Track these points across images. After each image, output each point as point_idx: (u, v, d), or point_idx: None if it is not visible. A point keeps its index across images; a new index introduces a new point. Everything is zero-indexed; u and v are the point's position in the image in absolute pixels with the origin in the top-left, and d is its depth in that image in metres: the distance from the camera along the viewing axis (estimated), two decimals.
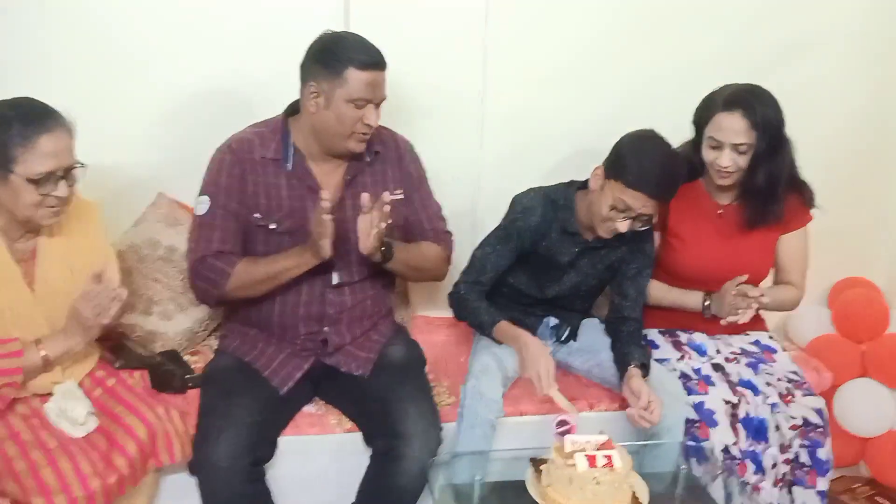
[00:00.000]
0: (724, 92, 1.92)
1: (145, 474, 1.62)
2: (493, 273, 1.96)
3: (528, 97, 2.33)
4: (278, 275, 1.73)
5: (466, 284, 1.96)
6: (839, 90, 2.46)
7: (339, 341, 1.83)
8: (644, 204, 1.76)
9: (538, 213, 1.92)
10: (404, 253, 1.81)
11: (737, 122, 1.87)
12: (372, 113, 1.71)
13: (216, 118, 2.02)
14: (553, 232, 1.94)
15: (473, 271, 1.97)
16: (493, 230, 1.99)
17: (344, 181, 1.81)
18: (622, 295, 2.00)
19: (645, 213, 1.78)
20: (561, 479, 1.42)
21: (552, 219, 1.93)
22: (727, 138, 1.89)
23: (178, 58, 2.09)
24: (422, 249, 1.90)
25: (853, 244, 2.67)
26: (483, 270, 1.96)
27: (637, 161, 1.76)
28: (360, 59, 1.66)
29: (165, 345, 1.97)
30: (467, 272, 1.98)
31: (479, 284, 1.96)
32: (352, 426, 1.80)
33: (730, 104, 1.88)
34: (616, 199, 1.78)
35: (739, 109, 1.87)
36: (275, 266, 1.73)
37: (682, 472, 1.72)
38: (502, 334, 1.88)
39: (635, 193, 1.75)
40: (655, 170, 1.75)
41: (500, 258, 1.95)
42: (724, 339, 2.12)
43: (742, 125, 1.87)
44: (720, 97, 1.91)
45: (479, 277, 1.96)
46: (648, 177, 1.74)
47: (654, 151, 1.78)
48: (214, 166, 1.77)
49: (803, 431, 1.89)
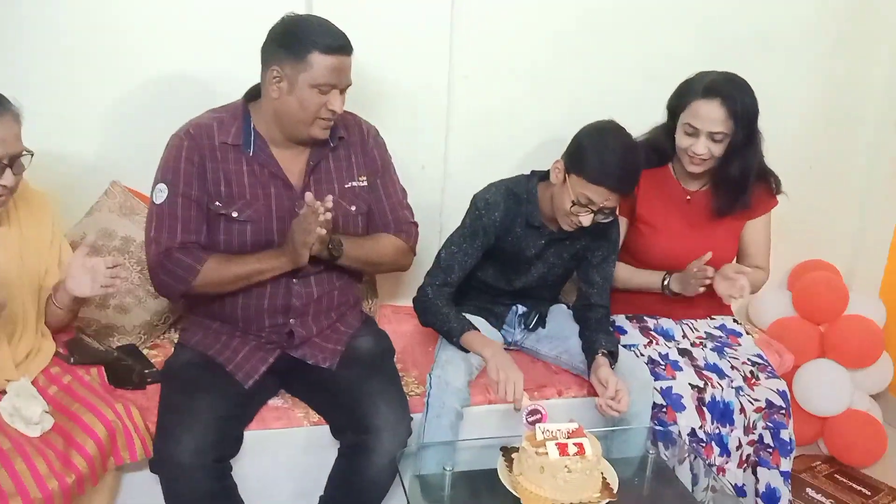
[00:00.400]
0: (704, 79, 1.91)
1: (105, 473, 1.57)
2: (460, 273, 1.92)
3: (495, 87, 2.32)
4: (249, 276, 1.69)
5: (434, 287, 1.91)
6: (797, 83, 2.52)
7: (305, 333, 1.79)
8: (606, 198, 1.75)
9: (501, 208, 1.89)
10: (356, 249, 1.77)
11: (715, 110, 1.87)
12: (336, 99, 1.66)
13: (172, 104, 1.95)
14: (517, 226, 1.92)
15: (440, 272, 1.92)
16: (457, 229, 1.95)
17: (307, 167, 1.76)
18: (588, 282, 2.00)
19: (607, 206, 1.77)
20: (532, 468, 1.41)
21: (516, 213, 1.91)
22: (704, 126, 1.88)
23: (133, 42, 2.01)
24: (378, 243, 1.84)
25: (812, 228, 2.74)
26: (450, 270, 1.91)
27: (597, 155, 1.73)
28: (324, 42, 1.61)
29: (123, 339, 1.91)
30: (433, 274, 1.93)
31: (446, 286, 1.91)
32: (319, 419, 1.77)
33: (709, 92, 1.88)
34: (578, 193, 1.76)
35: (719, 98, 1.87)
36: (247, 268, 1.68)
37: (650, 456, 1.73)
38: (470, 344, 1.82)
39: (597, 188, 1.73)
40: (616, 164, 1.72)
41: (466, 257, 1.91)
42: (691, 324, 2.14)
43: (720, 114, 1.87)
44: (700, 84, 1.90)
45: (446, 279, 1.91)
46: (609, 171, 1.72)
47: (614, 144, 1.75)
48: (172, 153, 1.70)
49: (766, 413, 1.93)
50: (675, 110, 1.97)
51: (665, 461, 1.79)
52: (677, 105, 1.96)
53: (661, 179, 2.07)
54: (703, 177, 2.05)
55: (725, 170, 1.96)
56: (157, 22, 2.01)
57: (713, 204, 2.03)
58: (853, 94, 2.65)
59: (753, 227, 2.10)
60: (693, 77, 1.95)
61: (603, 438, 1.76)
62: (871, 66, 2.63)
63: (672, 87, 2.02)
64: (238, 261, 1.69)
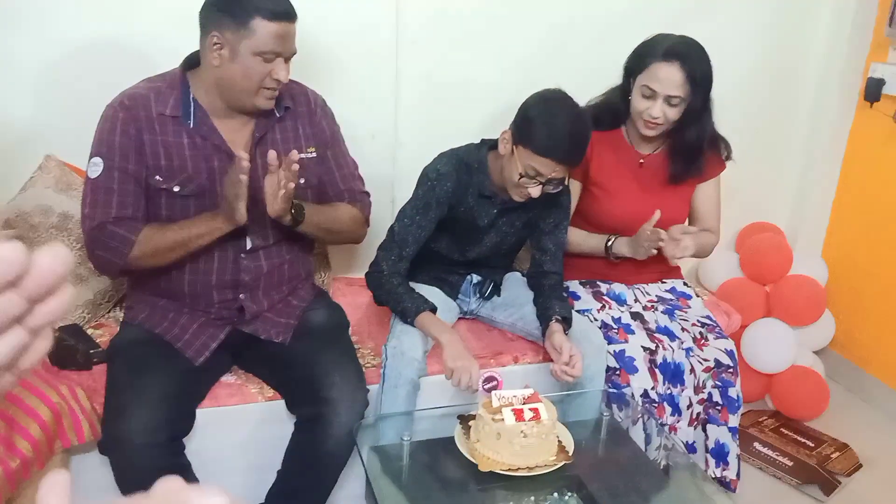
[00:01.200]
0: (664, 41, 1.89)
1: (52, 456, 1.53)
2: (414, 246, 1.89)
3: (444, 53, 2.29)
4: (187, 242, 1.61)
5: (389, 263, 1.86)
6: (738, 46, 2.53)
7: (256, 308, 1.75)
8: (554, 169, 1.73)
9: (453, 178, 1.87)
10: (317, 215, 1.72)
11: (675, 73, 1.86)
12: (281, 67, 1.60)
13: (107, 73, 1.87)
14: (469, 196, 1.90)
15: (395, 247, 1.87)
16: (409, 201, 1.91)
17: (253, 139, 1.70)
18: (541, 250, 2.01)
19: (556, 177, 1.76)
20: (489, 435, 1.42)
21: (467, 183, 1.89)
22: (663, 89, 1.87)
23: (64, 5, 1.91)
24: (337, 211, 1.81)
25: (758, 191, 2.80)
26: (404, 244, 1.87)
27: (544, 127, 1.71)
28: (268, 8, 1.54)
29: (65, 319, 1.84)
30: (387, 248, 1.89)
31: (401, 261, 1.88)
32: (274, 394, 1.75)
33: (670, 55, 1.86)
34: (525, 165, 1.74)
35: (678, 61, 1.86)
36: (183, 233, 1.61)
37: (604, 418, 1.77)
38: (425, 326, 1.79)
39: (544, 160, 1.72)
40: (563, 135, 1.71)
41: (420, 229, 1.88)
42: (642, 288, 2.17)
43: (679, 77, 1.86)
44: (660, 46, 1.88)
45: (401, 252, 1.87)
46: (556, 142, 1.70)
47: (560, 115, 1.73)
48: (106, 125, 1.62)
49: (715, 373, 1.98)
50: (633, 71, 1.95)
51: (619, 422, 1.83)
52: (635, 66, 1.94)
53: (614, 142, 2.07)
54: (656, 141, 2.06)
55: (682, 135, 1.97)
56: None
57: (669, 170, 2.05)
58: (793, 57, 2.69)
59: (703, 192, 2.13)
60: (652, 38, 1.94)
61: (559, 403, 1.79)
62: (811, 29, 2.67)
63: (618, 48, 2.01)
64: (173, 227, 1.62)
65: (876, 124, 2.65)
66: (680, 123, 1.95)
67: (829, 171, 2.85)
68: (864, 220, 2.75)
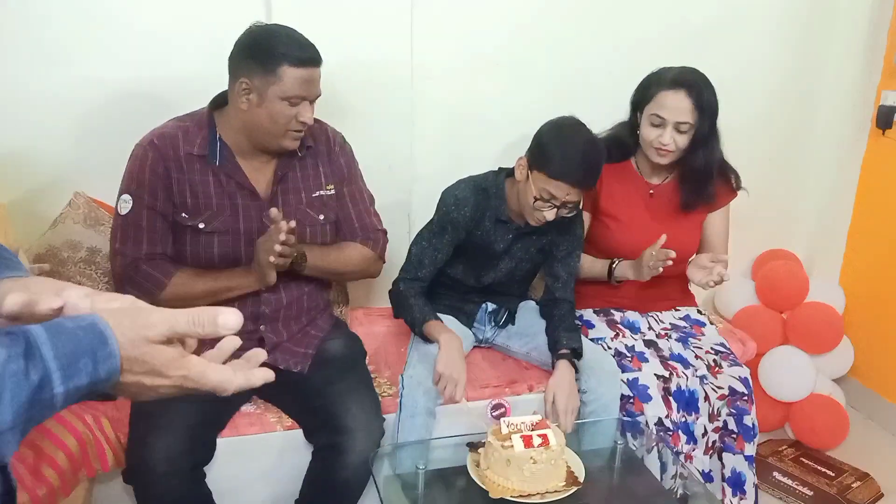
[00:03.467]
0: (669, 72, 1.95)
1: (77, 485, 1.57)
2: (431, 267, 1.96)
3: (458, 85, 2.34)
4: (217, 293, 1.69)
5: (405, 282, 1.96)
6: (754, 77, 2.56)
7: (275, 339, 1.79)
8: (568, 192, 1.78)
9: (471, 203, 1.92)
10: (321, 260, 1.77)
11: (682, 100, 1.91)
12: (307, 110, 1.66)
13: (134, 113, 1.95)
14: (486, 221, 1.95)
15: (411, 267, 1.97)
16: (427, 225, 1.99)
17: (275, 177, 1.76)
18: (553, 276, 2.04)
19: (570, 200, 1.81)
20: (499, 461, 1.44)
21: (485, 208, 1.94)
22: (671, 116, 1.92)
23: (95, 52, 2.00)
24: (344, 253, 1.84)
25: (773, 218, 2.80)
26: (420, 265, 1.95)
27: (558, 151, 1.77)
28: (295, 55, 1.61)
29: None
30: (405, 269, 1.98)
31: (417, 280, 1.96)
32: (292, 424, 1.78)
33: (676, 83, 1.92)
34: (540, 189, 1.80)
35: (684, 89, 1.91)
36: (215, 285, 1.69)
37: (618, 446, 1.77)
38: (430, 332, 1.88)
39: (558, 184, 1.77)
40: (577, 158, 1.77)
41: (436, 252, 1.95)
42: (656, 316, 2.19)
43: (687, 104, 1.91)
44: (666, 76, 1.94)
45: (417, 273, 1.95)
46: (570, 166, 1.76)
47: (574, 139, 1.79)
48: (136, 163, 1.69)
49: (730, 400, 1.97)
50: (640, 104, 2.00)
51: (633, 451, 1.83)
52: (642, 98, 1.99)
53: (623, 174, 2.11)
54: (665, 171, 2.09)
55: (691, 162, 2.01)
56: (119, 32, 2.00)
57: (680, 198, 2.08)
58: (806, 86, 2.71)
59: (713, 220, 2.15)
60: (656, 71, 1.99)
61: (573, 431, 1.81)
62: (823, 59, 2.69)
63: (635, 77, 2.06)
64: (207, 276, 1.70)
65: (888, 151, 2.66)
66: (688, 151, 1.98)
67: (843, 198, 2.85)
68: (881, 246, 2.74)
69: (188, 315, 0.65)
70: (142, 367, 0.64)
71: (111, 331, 0.61)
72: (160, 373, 0.65)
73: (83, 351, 0.59)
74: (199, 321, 0.65)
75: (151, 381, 0.66)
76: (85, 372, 0.59)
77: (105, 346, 0.61)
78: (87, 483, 1.63)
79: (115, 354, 0.61)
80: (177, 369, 0.66)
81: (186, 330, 0.66)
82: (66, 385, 0.58)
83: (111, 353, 0.61)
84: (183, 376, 0.66)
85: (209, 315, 0.66)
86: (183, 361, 0.66)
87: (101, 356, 0.60)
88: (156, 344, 0.64)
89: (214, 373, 0.68)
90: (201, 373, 0.67)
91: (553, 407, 1.82)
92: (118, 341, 0.62)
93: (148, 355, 0.64)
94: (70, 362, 0.59)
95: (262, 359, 0.78)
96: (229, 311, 0.67)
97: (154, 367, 0.64)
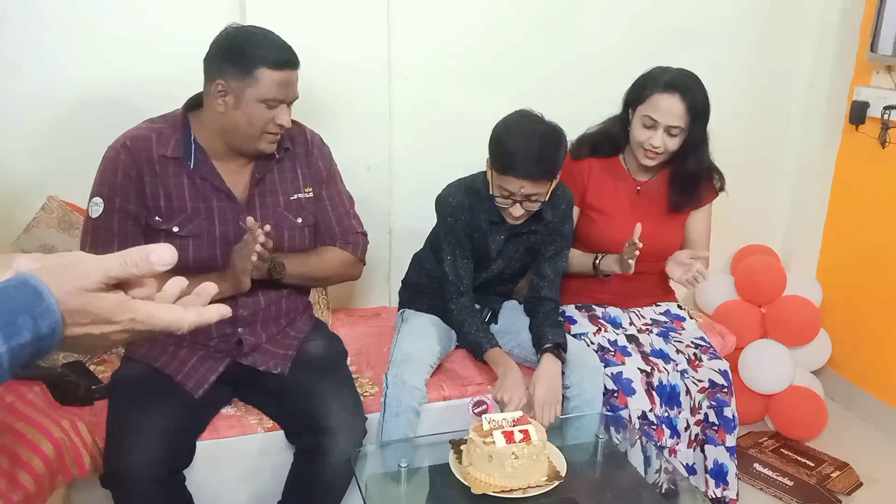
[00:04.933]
0: (665, 74, 1.95)
1: (54, 490, 1.55)
2: (468, 275, 1.96)
3: (435, 86, 2.35)
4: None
5: (454, 301, 1.95)
6: (725, 74, 2.58)
7: (254, 341, 1.77)
8: (522, 186, 1.76)
9: (466, 206, 1.92)
10: (299, 267, 1.76)
11: (675, 104, 1.92)
12: (284, 112, 1.64)
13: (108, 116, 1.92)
14: (482, 224, 1.94)
15: (453, 286, 1.95)
16: (443, 241, 1.95)
17: (252, 180, 1.74)
18: (540, 275, 2.04)
19: (527, 192, 1.78)
20: (481, 458, 1.44)
21: (479, 209, 1.93)
22: (664, 119, 1.93)
23: (68, 55, 1.99)
24: (323, 259, 1.83)
25: (751, 215, 2.83)
26: (460, 279, 1.94)
27: (501, 146, 1.76)
28: (272, 57, 1.59)
29: (69, 355, 1.87)
30: (449, 290, 1.96)
31: (463, 295, 1.95)
32: (273, 425, 1.77)
33: (671, 86, 1.92)
34: (497, 186, 1.79)
35: (678, 93, 1.91)
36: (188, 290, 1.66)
37: (601, 441, 1.77)
38: (491, 360, 1.89)
39: (508, 178, 1.76)
40: (518, 151, 1.74)
41: (465, 259, 1.95)
42: (637, 312, 2.20)
43: (680, 108, 1.92)
44: (661, 78, 1.94)
45: (460, 288, 1.95)
46: (516, 159, 1.74)
47: (517, 132, 1.76)
48: (108, 165, 1.66)
49: (710, 393, 1.99)
50: (633, 103, 2.00)
51: (616, 445, 1.84)
52: (635, 97, 1.99)
53: (612, 169, 2.12)
54: (652, 169, 2.11)
55: (682, 166, 2.02)
56: (90, 36, 1.98)
57: (669, 199, 2.09)
58: (780, 83, 2.76)
59: (696, 218, 2.17)
60: (652, 71, 1.99)
61: (557, 427, 1.81)
62: (797, 56, 2.74)
63: (608, 81, 2.08)
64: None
65: (862, 146, 2.70)
66: (679, 154, 2.00)
67: (819, 193, 2.89)
68: (857, 240, 2.78)
69: (120, 257, 0.65)
70: (86, 318, 0.63)
71: (45, 286, 0.60)
72: (107, 320, 0.64)
73: (19, 308, 0.58)
74: (131, 261, 0.65)
75: (100, 330, 0.64)
76: (25, 328, 0.58)
77: (42, 301, 0.60)
78: (65, 488, 1.60)
79: (54, 308, 0.60)
80: (123, 313, 0.65)
81: (120, 272, 0.64)
82: (9, 343, 0.57)
83: (49, 308, 0.60)
84: (131, 319, 0.65)
85: (140, 254, 0.65)
86: (128, 305, 0.65)
87: (38, 311, 0.59)
88: (95, 292, 0.63)
89: (164, 312, 0.67)
90: (150, 314, 0.66)
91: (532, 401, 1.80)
92: (55, 295, 0.60)
93: (90, 304, 0.63)
94: (8, 321, 0.58)
95: (212, 292, 0.77)
96: (161, 247, 0.67)
97: (99, 316, 0.63)
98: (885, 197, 2.63)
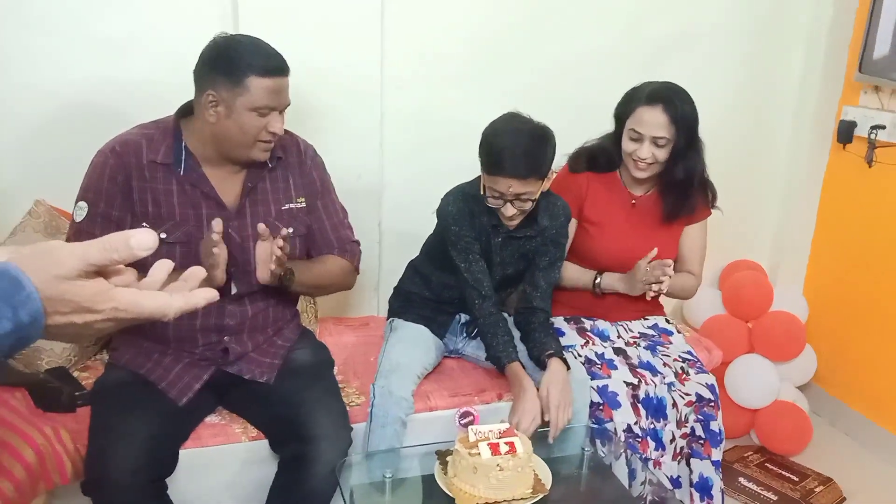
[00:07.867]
0: (647, 88, 1.99)
1: (35, 497, 1.53)
2: (486, 277, 1.93)
3: (426, 94, 2.35)
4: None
5: (477, 309, 1.92)
6: (716, 91, 2.62)
7: (240, 350, 1.76)
8: (509, 185, 1.77)
9: (466, 212, 1.92)
10: (306, 274, 1.75)
11: (658, 115, 1.95)
12: (276, 120, 1.64)
13: (96, 120, 1.93)
14: (485, 226, 1.94)
15: (475, 292, 1.92)
16: (454, 253, 1.93)
17: (244, 189, 1.73)
18: (533, 285, 2.02)
19: (516, 192, 1.78)
20: (466, 469, 1.43)
21: (478, 213, 1.93)
22: (648, 131, 1.96)
23: (54, 58, 1.97)
24: (326, 266, 1.83)
25: (739, 230, 2.85)
26: (480, 284, 1.92)
27: (487, 146, 1.79)
28: (261, 65, 1.59)
29: (52, 361, 1.86)
30: (470, 296, 1.93)
31: (486, 300, 1.92)
32: (258, 434, 1.76)
33: (652, 99, 1.96)
34: (486, 187, 1.82)
35: (661, 104, 1.95)
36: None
37: (586, 453, 1.78)
38: (510, 375, 1.86)
39: (495, 178, 1.78)
40: (502, 150, 1.76)
41: (479, 262, 1.93)
42: (625, 325, 2.21)
43: (663, 119, 1.95)
44: (643, 92, 1.99)
45: (481, 293, 1.92)
46: (501, 159, 1.76)
47: (504, 133, 1.79)
48: (95, 171, 1.66)
49: (697, 407, 2.00)
50: (622, 117, 2.04)
51: (602, 458, 1.84)
52: (623, 112, 2.03)
53: (609, 183, 2.14)
54: (648, 183, 2.12)
55: (671, 173, 2.04)
56: (79, 39, 1.97)
57: (662, 209, 2.10)
58: (769, 101, 2.79)
59: (690, 234, 2.18)
60: (638, 86, 2.03)
61: (542, 438, 1.81)
62: (785, 74, 2.77)
63: (599, 87, 2.10)
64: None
65: (849, 165, 2.73)
66: (668, 163, 2.02)
67: (806, 211, 2.92)
68: (843, 257, 2.80)
69: (99, 243, 0.63)
70: (67, 307, 0.62)
71: (24, 275, 0.59)
72: (88, 308, 0.63)
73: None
74: (111, 247, 0.63)
75: (83, 319, 0.63)
76: (5, 318, 0.57)
77: (21, 290, 0.58)
78: (46, 496, 1.58)
79: (35, 297, 0.59)
80: (105, 302, 0.63)
81: (100, 259, 0.63)
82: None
83: (29, 296, 0.58)
84: (113, 308, 0.64)
85: (121, 238, 0.63)
86: (110, 293, 0.64)
87: (18, 300, 0.58)
88: (74, 280, 0.62)
89: (147, 299, 0.66)
90: (132, 301, 0.65)
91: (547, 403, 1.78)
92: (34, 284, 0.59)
93: (69, 293, 0.61)
94: None
95: (201, 277, 0.75)
96: (142, 231, 0.65)
97: (80, 304, 0.62)
98: (871, 215, 2.66)
